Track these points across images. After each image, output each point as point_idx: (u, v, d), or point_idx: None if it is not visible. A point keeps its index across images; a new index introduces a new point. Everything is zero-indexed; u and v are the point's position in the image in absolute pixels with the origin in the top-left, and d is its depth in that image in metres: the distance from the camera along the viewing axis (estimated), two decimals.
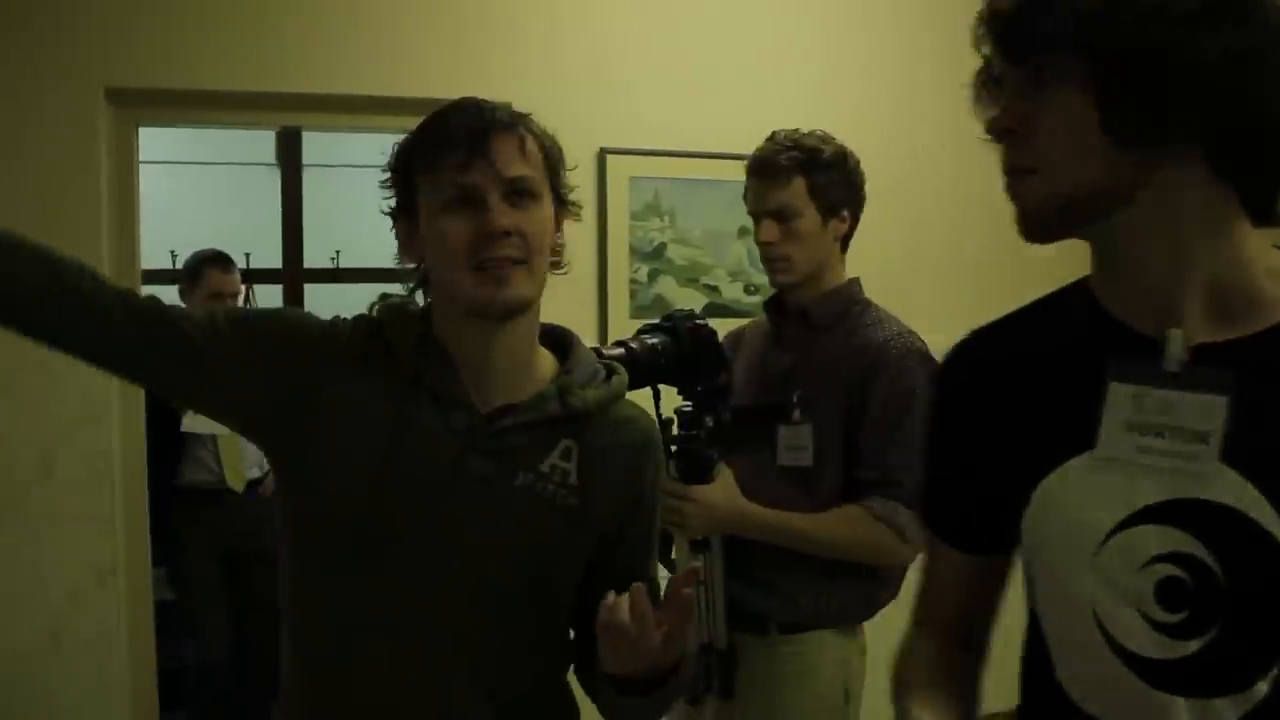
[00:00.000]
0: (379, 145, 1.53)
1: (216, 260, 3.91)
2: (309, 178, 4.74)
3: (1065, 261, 3.54)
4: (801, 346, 2.15)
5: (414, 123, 1.39)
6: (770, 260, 2.15)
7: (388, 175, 1.40)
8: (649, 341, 1.91)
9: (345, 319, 1.42)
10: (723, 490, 2.01)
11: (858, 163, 2.24)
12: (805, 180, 2.12)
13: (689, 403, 2.01)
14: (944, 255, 3.83)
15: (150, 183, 3.29)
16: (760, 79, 3.62)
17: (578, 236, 3.32)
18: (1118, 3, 0.91)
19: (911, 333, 2.11)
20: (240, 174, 5.26)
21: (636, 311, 3.47)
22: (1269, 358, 0.95)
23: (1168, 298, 0.98)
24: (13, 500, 2.90)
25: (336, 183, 5.13)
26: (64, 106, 2.94)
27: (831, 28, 3.74)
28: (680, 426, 2.02)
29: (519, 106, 3.49)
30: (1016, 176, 0.99)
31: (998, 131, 1.00)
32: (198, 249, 3.99)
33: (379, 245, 1.59)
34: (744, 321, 2.48)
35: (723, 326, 3.48)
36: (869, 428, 2.03)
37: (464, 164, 1.30)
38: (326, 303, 2.60)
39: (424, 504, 1.32)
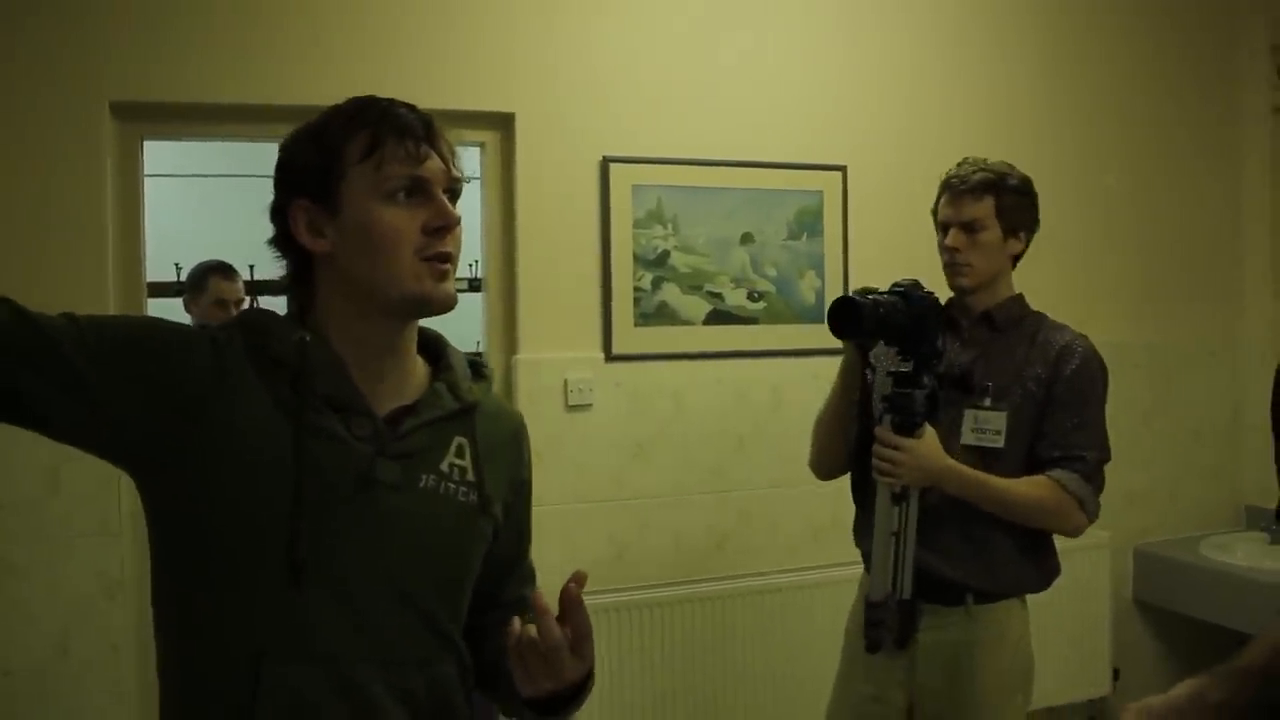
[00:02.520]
0: None
1: (219, 269, 3.94)
2: None
3: (1096, 259, 3.48)
4: (982, 345, 2.43)
5: None
6: (954, 265, 2.43)
7: (295, 162, 1.36)
8: (878, 298, 2.19)
9: (214, 326, 1.37)
10: (931, 444, 2.26)
11: (1036, 193, 2.52)
12: (994, 200, 2.41)
13: (908, 363, 2.24)
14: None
15: (154, 196, 3.29)
16: (763, 87, 3.63)
17: (582, 245, 3.37)
18: None
19: (1085, 336, 2.45)
20: (245, 186, 5.28)
21: (640, 319, 3.47)
22: None
23: None
24: (21, 514, 2.90)
25: None
26: (69, 120, 2.94)
27: (839, 35, 3.74)
28: (896, 384, 2.26)
29: (524, 116, 3.53)
30: None
31: None
32: (202, 261, 4.02)
33: None
34: None
35: (728, 334, 3.52)
36: (1056, 411, 2.35)
37: (418, 156, 1.32)
38: None
39: (342, 516, 1.30)
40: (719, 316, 3.59)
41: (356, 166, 1.31)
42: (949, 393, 2.34)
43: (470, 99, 3.28)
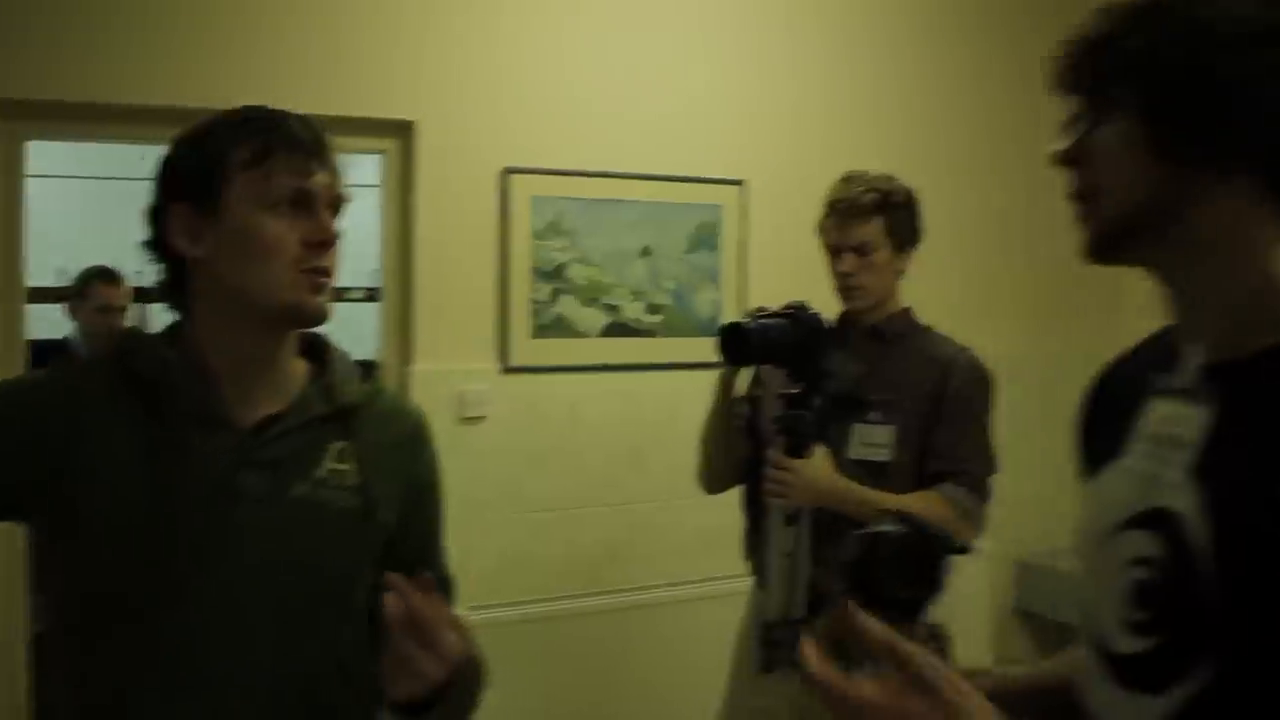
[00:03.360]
0: None
1: (103, 274, 3.85)
2: None
3: (986, 271, 3.54)
4: (871, 359, 2.44)
5: None
6: (848, 288, 2.45)
7: (178, 163, 1.34)
8: (766, 323, 2.16)
9: (72, 368, 1.38)
10: (821, 465, 2.25)
11: (919, 204, 2.52)
12: (883, 219, 2.40)
13: (798, 384, 2.18)
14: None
15: (38, 197, 3.19)
16: (664, 101, 3.66)
17: (480, 256, 3.35)
18: (1160, 35, 0.97)
19: (971, 348, 2.48)
20: (132, 189, 5.15)
21: (538, 331, 3.47)
22: (1260, 376, 0.97)
23: (1195, 314, 1.04)
24: None
25: None
26: None
27: (740, 51, 3.79)
28: (785, 406, 2.20)
29: (424, 124, 3.48)
30: (1080, 201, 1.07)
31: (1061, 162, 1.07)
32: (86, 265, 3.92)
33: None
34: None
35: (625, 346, 3.53)
36: (943, 426, 2.37)
37: (305, 169, 1.31)
38: None
39: (205, 533, 1.26)
40: (616, 329, 3.60)
41: (243, 173, 1.29)
42: (837, 410, 2.35)
43: (370, 106, 3.24)
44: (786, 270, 3.76)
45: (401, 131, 3.34)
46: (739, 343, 2.15)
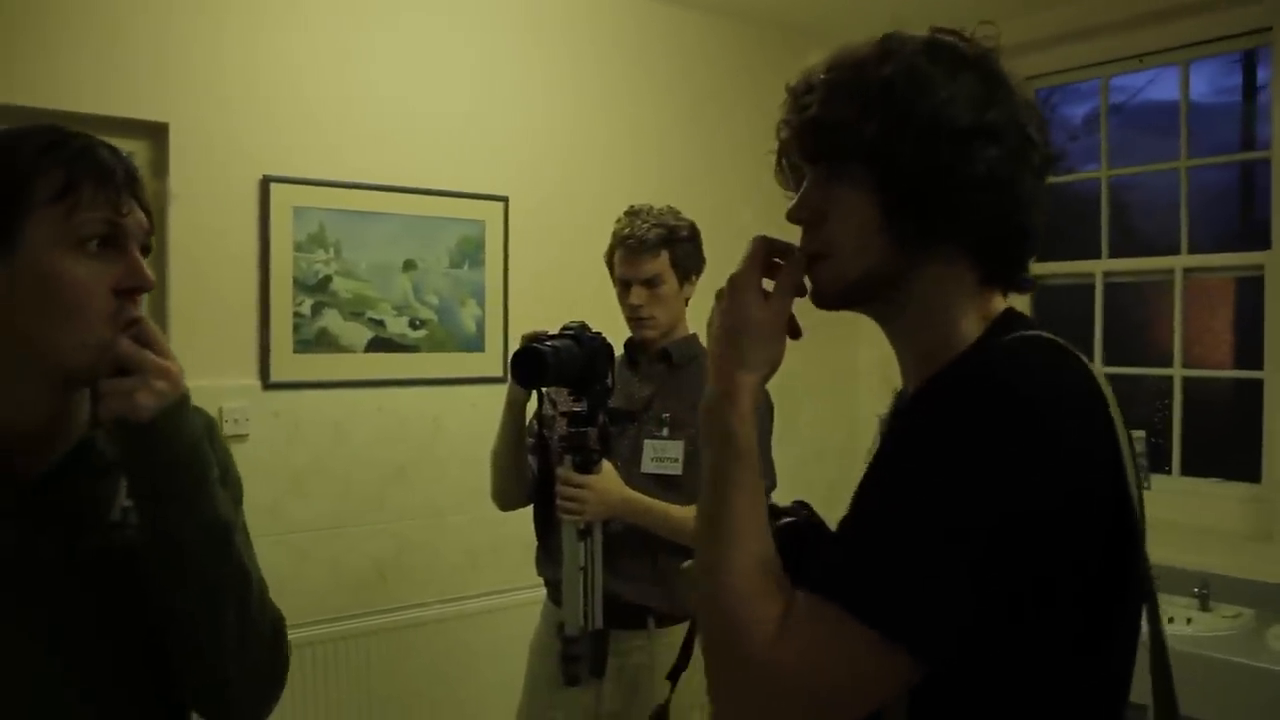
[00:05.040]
0: None
1: None
2: None
3: None
4: (661, 379, 2.59)
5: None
6: (639, 319, 2.59)
7: None
8: (558, 345, 2.22)
9: None
10: (612, 479, 2.36)
11: (700, 235, 2.66)
12: (669, 253, 2.55)
13: (581, 403, 2.28)
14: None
15: None
16: (430, 114, 3.63)
17: (239, 267, 3.21)
18: (899, 126, 1.07)
19: None
20: None
21: (300, 346, 3.36)
22: (915, 401, 1.13)
23: (905, 355, 1.20)
24: None
25: None
26: None
27: (505, 68, 3.80)
28: (571, 424, 2.31)
29: (179, 127, 3.28)
30: (814, 260, 1.16)
31: (797, 222, 1.17)
32: None
33: None
34: None
35: (389, 361, 3.47)
36: None
37: (117, 204, 1.15)
38: None
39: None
40: (380, 344, 3.54)
41: (46, 208, 1.12)
42: (625, 425, 2.47)
43: (119, 104, 3.05)
44: (548, 287, 3.81)
45: (153, 133, 3.16)
46: (536, 367, 2.19)
